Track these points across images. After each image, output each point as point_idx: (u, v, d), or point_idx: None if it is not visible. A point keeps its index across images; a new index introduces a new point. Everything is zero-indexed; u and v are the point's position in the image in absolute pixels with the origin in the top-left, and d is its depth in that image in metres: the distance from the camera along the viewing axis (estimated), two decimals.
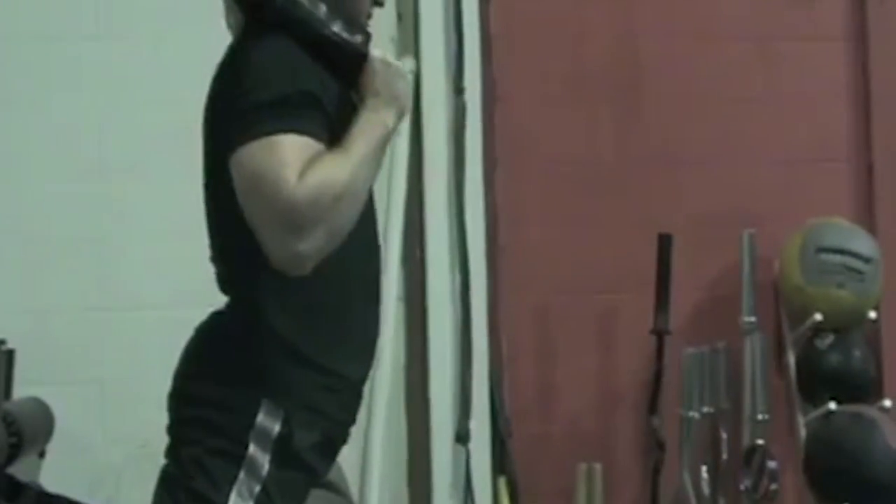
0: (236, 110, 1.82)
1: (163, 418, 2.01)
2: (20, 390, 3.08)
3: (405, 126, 3.42)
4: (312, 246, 1.77)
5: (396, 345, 3.37)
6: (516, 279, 3.57)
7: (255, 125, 1.78)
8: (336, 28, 1.89)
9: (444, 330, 3.42)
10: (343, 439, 2.00)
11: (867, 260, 3.40)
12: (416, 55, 3.49)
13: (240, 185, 1.80)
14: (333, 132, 1.83)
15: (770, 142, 3.69)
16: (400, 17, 3.51)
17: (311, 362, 1.88)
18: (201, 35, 3.44)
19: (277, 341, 1.87)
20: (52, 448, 3.08)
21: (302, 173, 1.74)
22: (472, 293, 3.43)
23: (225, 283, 2.00)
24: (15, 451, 2.82)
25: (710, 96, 3.67)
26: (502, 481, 3.42)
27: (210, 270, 3.43)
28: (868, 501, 3.22)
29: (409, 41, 3.49)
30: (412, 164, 3.43)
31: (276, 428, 1.85)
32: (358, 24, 1.95)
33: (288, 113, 1.78)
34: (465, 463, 3.37)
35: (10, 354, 3.08)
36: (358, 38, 1.92)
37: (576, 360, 3.58)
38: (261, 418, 1.85)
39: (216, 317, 1.98)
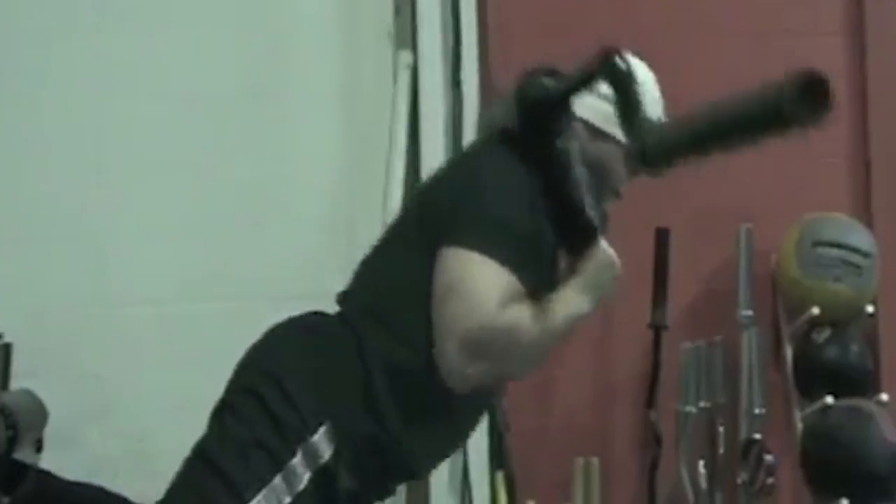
0: (472, 210, 1.90)
1: (160, 412, 2.02)
2: (17, 384, 3.09)
3: (403, 119, 3.43)
4: (477, 373, 1.86)
5: None
6: None
7: (483, 236, 1.86)
8: (585, 197, 1.96)
9: None
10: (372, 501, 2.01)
11: (864, 254, 3.40)
12: (413, 48, 3.49)
13: (443, 280, 1.87)
14: (535, 281, 1.90)
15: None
16: (397, 10, 3.51)
17: (386, 426, 1.91)
18: (199, 31, 3.46)
19: (373, 390, 1.91)
20: (50, 442, 3.09)
21: (503, 306, 1.82)
22: None
23: (364, 309, 2.00)
24: (12, 443, 2.83)
25: (708, 91, 3.64)
26: (500, 476, 3.42)
27: (206, 266, 3.45)
28: (865, 495, 3.22)
29: (407, 34, 3.49)
30: (409, 156, 3.43)
31: (326, 456, 1.87)
32: (601, 204, 2.04)
33: (514, 245, 1.87)
34: (462, 457, 3.37)
35: (8, 348, 3.09)
36: (595, 218, 1.98)
37: (573, 355, 3.57)
38: (317, 438, 1.87)
39: (333, 324, 1.99)
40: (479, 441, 3.40)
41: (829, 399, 3.33)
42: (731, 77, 3.67)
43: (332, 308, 2.05)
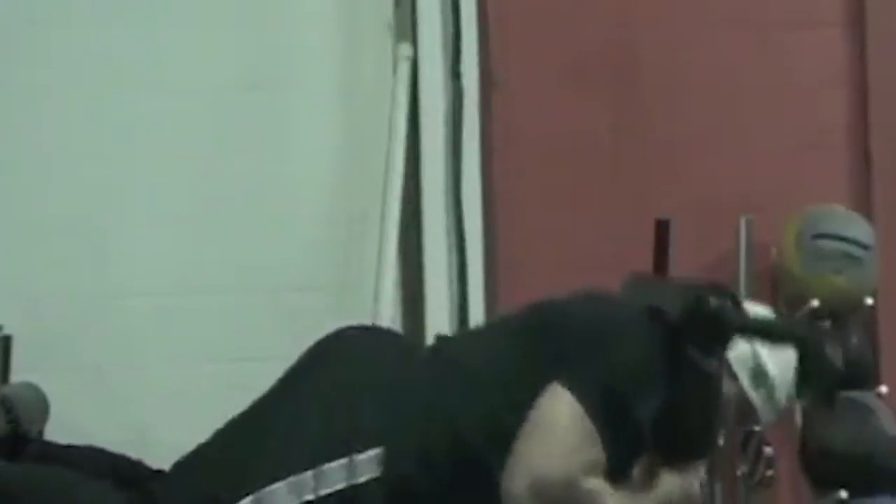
0: (603, 364, 1.86)
1: (161, 404, 2.01)
2: (17, 376, 3.08)
3: (402, 111, 3.42)
4: None
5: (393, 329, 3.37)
6: (513, 264, 3.56)
7: (599, 398, 1.81)
8: (715, 423, 1.99)
9: (441, 315, 3.42)
10: None
11: (864, 247, 3.40)
12: (413, 40, 3.48)
13: (542, 415, 1.83)
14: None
15: (768, 128, 3.68)
16: (397, 2, 3.51)
17: (426, 483, 1.87)
18: (198, 23, 3.45)
19: (440, 448, 1.87)
20: (50, 435, 3.08)
21: (581, 474, 1.80)
22: (469, 278, 3.43)
23: (460, 370, 1.97)
24: (13, 435, 2.83)
25: (707, 82, 3.67)
26: None
27: (207, 257, 3.45)
28: (864, 487, 3.22)
29: (406, 26, 3.49)
30: (409, 148, 3.43)
31: (365, 477, 1.83)
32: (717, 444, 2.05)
33: (620, 420, 1.83)
34: None
35: (7, 340, 3.08)
36: (709, 447, 2.03)
37: None
38: (364, 457, 1.84)
39: (424, 355, 2.03)
40: None
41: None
42: (731, 69, 3.68)
43: (327, 300, 2.03)
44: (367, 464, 1.83)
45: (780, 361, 2.02)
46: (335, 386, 1.89)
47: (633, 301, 2.07)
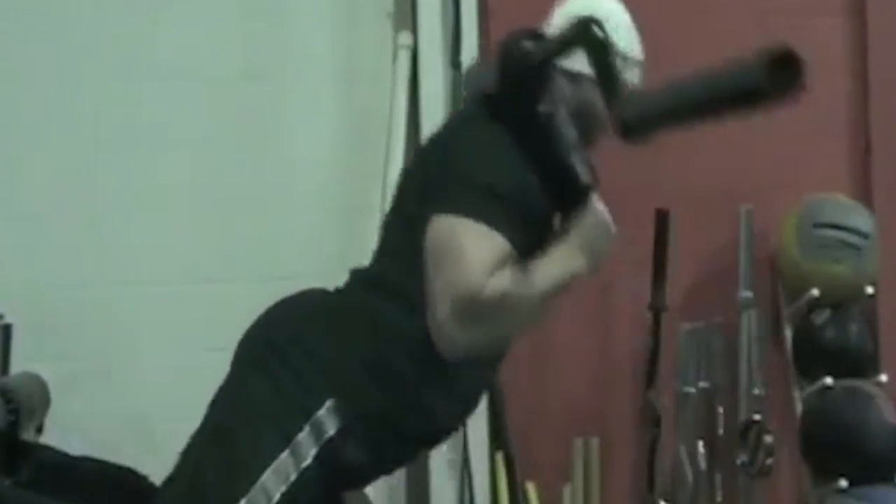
0: (460, 177, 1.87)
1: (161, 392, 2.02)
2: (18, 365, 3.09)
3: (402, 100, 3.42)
4: (470, 340, 1.84)
5: None
6: None
7: (472, 202, 1.83)
8: (576, 159, 1.96)
9: None
10: (373, 479, 2.02)
11: (864, 235, 3.40)
12: (413, 29, 3.48)
13: (434, 248, 1.85)
14: (529, 242, 1.88)
15: (768, 117, 3.65)
16: None
17: (394, 398, 1.91)
18: (199, 12, 3.45)
19: (379, 361, 1.90)
20: (50, 423, 3.09)
21: (492, 272, 1.80)
22: None
23: (379, 275, 2.00)
24: (14, 427, 2.83)
25: None
26: (499, 456, 3.42)
27: (207, 248, 3.45)
28: (864, 476, 3.23)
29: (406, 15, 3.48)
30: (409, 138, 3.42)
31: (332, 429, 1.87)
32: (591, 165, 2.02)
33: (502, 211, 1.84)
34: (462, 438, 3.38)
35: (8, 329, 3.08)
36: (587, 177, 1.97)
37: (573, 336, 3.58)
38: (322, 413, 1.87)
39: (335, 297, 1.99)
40: (478, 422, 3.40)
41: (829, 380, 3.34)
42: (731, 57, 3.67)
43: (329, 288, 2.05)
44: (327, 417, 1.87)
45: (618, 38, 2.03)
46: (264, 360, 1.91)
47: (474, 91, 2.09)
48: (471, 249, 1.80)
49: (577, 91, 2.02)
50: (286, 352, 1.91)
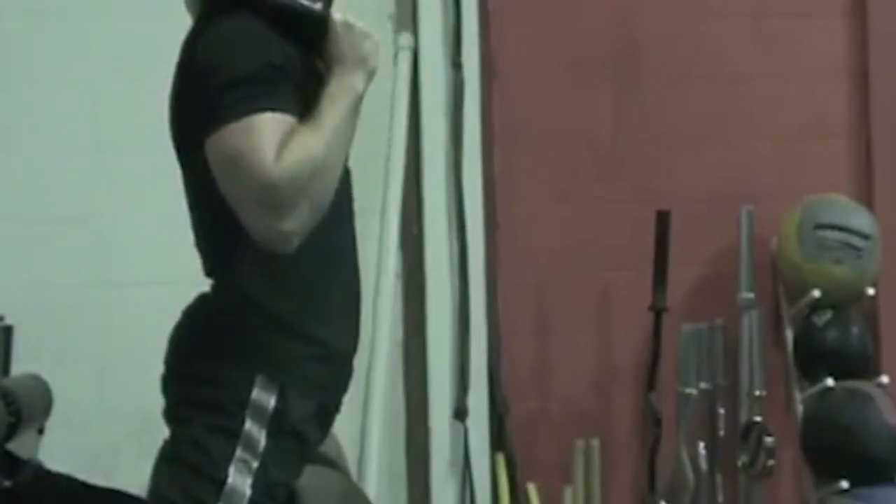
0: (205, 93, 1.80)
1: (161, 394, 2.02)
2: (19, 366, 3.09)
3: (403, 101, 3.42)
4: (297, 223, 1.77)
5: (394, 321, 3.37)
6: (514, 255, 3.56)
7: (226, 108, 1.76)
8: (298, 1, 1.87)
9: (443, 306, 3.42)
10: (336, 408, 2.00)
11: (865, 236, 3.40)
12: (414, 30, 3.48)
13: (217, 169, 1.79)
14: (303, 103, 1.81)
15: (768, 118, 3.68)
16: None
17: (298, 333, 1.89)
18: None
19: (265, 315, 1.88)
20: (51, 424, 3.09)
21: (278, 152, 1.73)
22: (470, 269, 3.43)
23: (209, 265, 2.00)
24: (13, 428, 2.83)
25: (708, 73, 3.67)
26: (500, 457, 3.42)
27: None
28: (865, 477, 3.23)
29: (408, 16, 3.48)
30: (410, 139, 3.42)
31: (272, 402, 1.86)
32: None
33: (257, 91, 1.77)
34: (463, 439, 3.38)
35: (9, 330, 3.08)
36: (318, 5, 1.89)
37: (574, 337, 3.58)
38: (256, 394, 1.86)
39: (203, 298, 1.98)
40: (479, 423, 3.41)
41: (830, 381, 3.34)
42: (732, 59, 3.68)
43: None
44: (262, 395, 1.85)
45: None
46: (188, 383, 1.92)
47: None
48: (246, 144, 1.73)
49: None
50: (189, 372, 1.91)
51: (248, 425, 1.85)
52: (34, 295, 3.27)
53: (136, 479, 2.86)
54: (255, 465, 1.84)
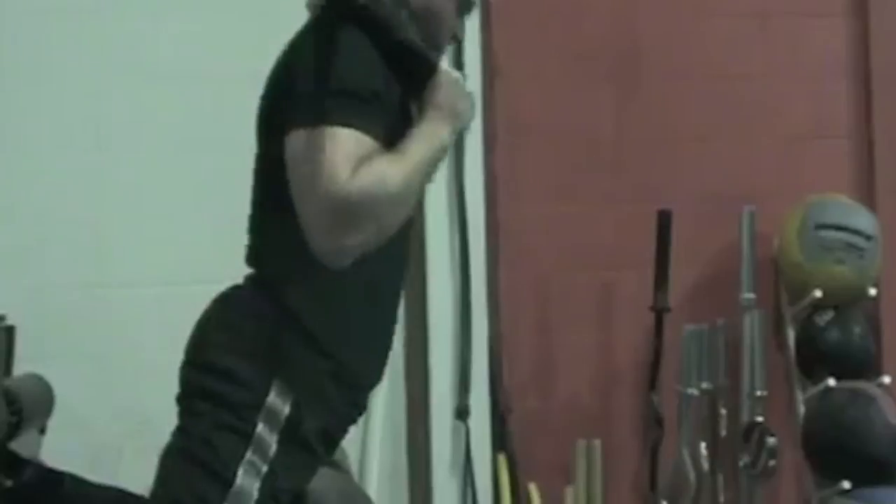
0: (302, 92, 1.83)
1: (163, 394, 2.01)
2: (20, 366, 3.08)
3: None
4: (354, 241, 1.78)
5: None
6: (516, 255, 3.56)
7: (321, 110, 1.78)
8: (412, 35, 1.91)
9: (444, 306, 3.42)
10: (341, 435, 2.01)
11: (867, 237, 3.40)
12: None
13: (293, 165, 1.81)
14: (390, 135, 1.83)
15: (770, 118, 3.68)
16: None
17: (324, 352, 1.89)
18: (201, 12, 3.44)
19: (296, 326, 1.88)
20: (53, 424, 3.08)
21: (356, 169, 1.75)
22: (472, 269, 3.43)
23: (254, 256, 2.01)
24: (15, 428, 2.83)
25: (710, 72, 3.66)
26: (501, 458, 3.42)
27: (208, 247, 3.44)
28: (867, 477, 3.23)
29: None
30: None
31: (286, 410, 1.86)
32: (438, 51, 1.98)
33: (352, 107, 1.79)
34: (464, 439, 3.38)
35: (11, 330, 3.08)
36: (430, 53, 1.93)
37: (575, 337, 3.58)
38: (271, 398, 1.86)
39: (237, 290, 1.98)
40: (481, 423, 3.40)
41: (831, 381, 3.34)
42: (734, 59, 3.68)
43: None
44: (277, 401, 1.85)
45: None
46: (207, 375, 1.91)
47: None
48: (328, 154, 1.74)
49: None
50: (215, 365, 1.90)
51: (261, 428, 1.85)
52: (35, 295, 3.26)
53: (137, 479, 2.87)
54: (264, 469, 1.84)
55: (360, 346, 1.94)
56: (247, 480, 1.83)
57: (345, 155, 1.75)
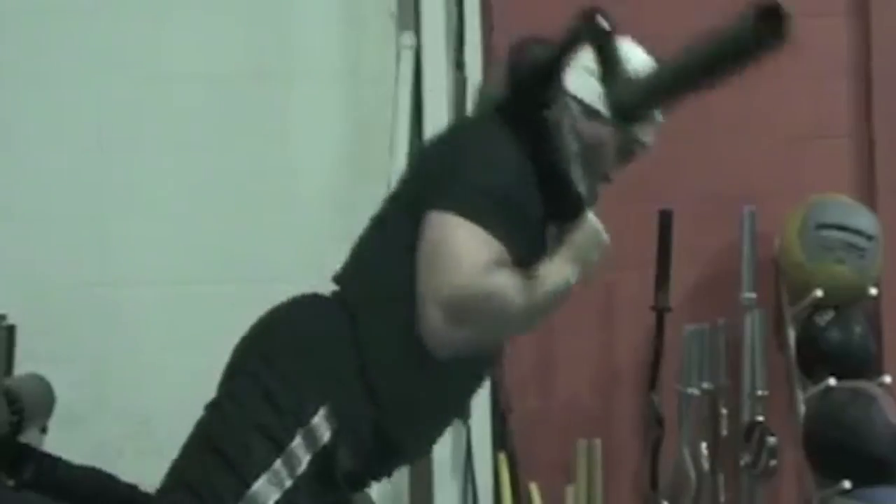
0: (457, 176, 1.86)
1: (163, 394, 2.02)
2: (21, 366, 3.09)
3: (406, 100, 3.42)
4: (461, 338, 1.82)
5: None
6: None
7: (470, 205, 1.82)
8: (574, 169, 1.96)
9: None
10: (360, 487, 2.00)
11: (868, 236, 3.40)
12: (417, 29, 3.48)
13: (426, 245, 1.84)
14: (521, 250, 1.87)
15: (771, 118, 3.68)
16: None
17: (380, 404, 1.89)
18: (201, 12, 3.45)
19: (364, 371, 1.89)
20: (53, 424, 3.09)
21: (485, 271, 1.79)
22: None
23: (350, 281, 2.00)
24: (17, 427, 2.83)
25: None
26: (502, 457, 3.42)
27: (208, 247, 3.45)
28: (867, 477, 3.22)
29: (410, 16, 3.48)
30: (413, 139, 3.42)
31: (326, 437, 1.86)
32: (592, 183, 2.03)
33: (495, 210, 1.83)
34: (465, 438, 3.38)
35: (11, 330, 3.08)
36: (584, 190, 1.99)
37: (576, 337, 3.58)
38: (316, 420, 1.86)
39: (324, 301, 1.98)
40: (481, 422, 3.40)
41: (832, 381, 3.34)
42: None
43: (330, 289, 2.04)
44: (321, 425, 1.86)
45: (630, 60, 2.02)
46: (257, 370, 1.90)
47: (483, 99, 2.10)
48: (466, 247, 1.80)
49: (588, 124, 2.02)
50: (277, 362, 1.90)
51: (296, 444, 1.85)
52: (36, 294, 3.27)
53: (138, 479, 2.88)
54: (287, 483, 1.83)
55: (414, 419, 1.95)
56: (266, 489, 1.82)
57: (481, 254, 1.79)
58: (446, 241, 1.81)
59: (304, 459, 1.84)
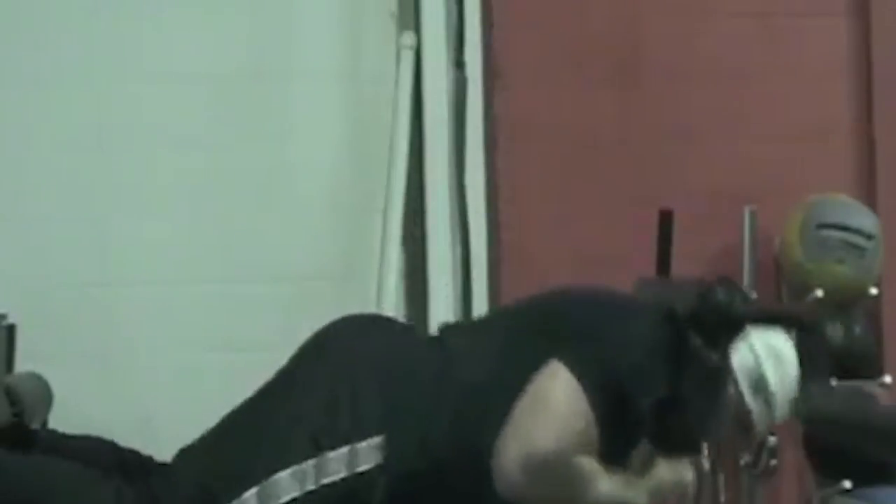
0: (602, 352, 1.87)
1: (163, 394, 2.01)
2: (21, 365, 3.09)
3: (406, 101, 3.42)
4: (529, 494, 1.82)
5: None
6: (517, 256, 3.56)
7: (596, 380, 1.83)
8: (703, 422, 1.96)
9: (445, 306, 3.42)
10: None
11: (868, 236, 3.40)
12: (417, 29, 3.48)
13: (535, 393, 1.84)
14: (612, 449, 1.88)
15: (771, 117, 3.68)
16: None
17: (428, 477, 1.89)
18: (200, 11, 3.45)
19: (441, 439, 1.89)
20: (54, 424, 3.09)
21: (577, 448, 1.81)
22: (473, 270, 3.43)
23: (472, 365, 1.98)
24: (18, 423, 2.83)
25: (711, 72, 3.66)
26: None
27: (208, 247, 3.45)
28: (868, 477, 3.22)
29: (410, 15, 3.48)
30: (413, 139, 3.42)
31: (369, 464, 1.86)
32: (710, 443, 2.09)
33: (614, 400, 1.84)
34: None
35: (12, 329, 3.08)
36: (698, 446, 2.09)
37: None
38: (364, 445, 1.86)
39: (427, 350, 2.00)
40: None
41: (833, 381, 3.33)
42: (734, 58, 3.67)
43: (330, 289, 2.04)
44: (367, 452, 1.84)
45: (782, 375, 2.03)
46: (336, 376, 1.90)
47: (643, 297, 2.10)
48: (569, 416, 1.81)
49: (751, 398, 2.03)
50: (356, 374, 1.90)
51: (335, 455, 1.85)
52: (36, 293, 3.27)
53: None
54: (308, 486, 1.83)
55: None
56: (289, 483, 1.82)
57: (575, 428, 1.80)
58: (555, 398, 1.82)
59: (337, 474, 1.83)
